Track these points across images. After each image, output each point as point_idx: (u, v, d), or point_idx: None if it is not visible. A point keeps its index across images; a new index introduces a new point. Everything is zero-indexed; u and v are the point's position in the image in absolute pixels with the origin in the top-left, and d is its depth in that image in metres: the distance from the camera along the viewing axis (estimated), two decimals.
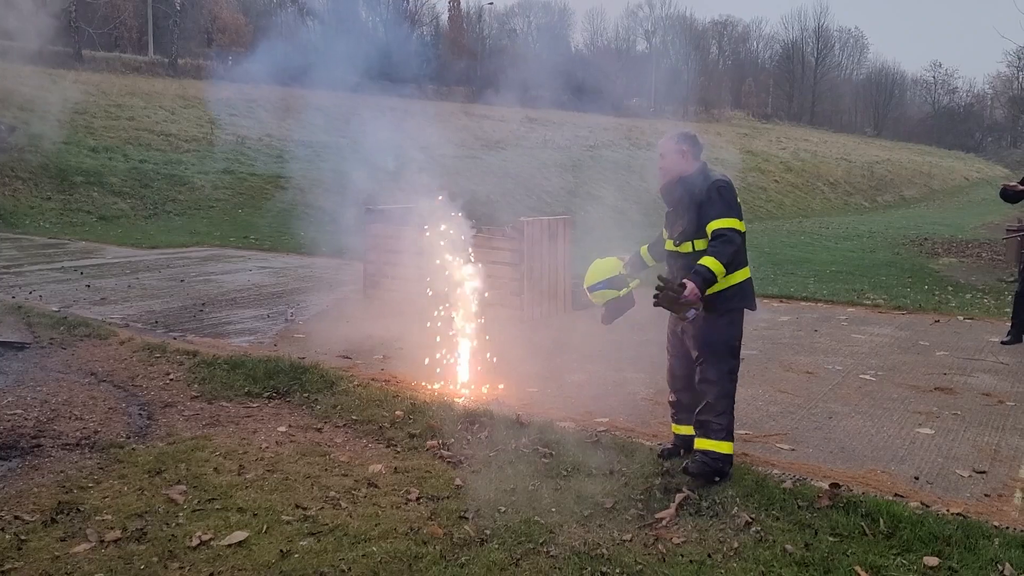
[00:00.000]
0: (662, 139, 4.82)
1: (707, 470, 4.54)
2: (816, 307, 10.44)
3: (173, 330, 8.06)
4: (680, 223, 4.66)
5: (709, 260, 4.38)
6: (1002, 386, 6.75)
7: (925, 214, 41.61)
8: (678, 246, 4.68)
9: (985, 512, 4.27)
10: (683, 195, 4.67)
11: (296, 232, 16.58)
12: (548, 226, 9.10)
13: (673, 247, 4.73)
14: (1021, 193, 8.03)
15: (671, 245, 4.77)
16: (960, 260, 21.19)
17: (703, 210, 4.54)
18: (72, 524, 3.99)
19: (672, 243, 4.75)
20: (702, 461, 4.57)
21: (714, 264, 4.37)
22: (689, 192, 4.63)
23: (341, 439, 5.25)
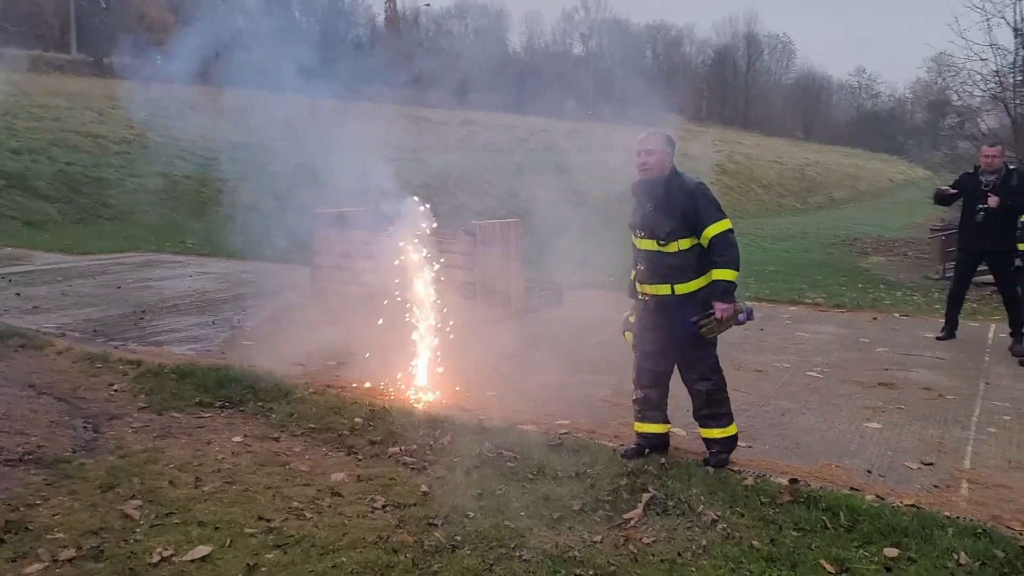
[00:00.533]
0: (647, 136, 4.85)
1: (725, 456, 4.86)
2: (760, 306, 10.59)
3: (114, 339, 7.83)
4: (666, 224, 4.72)
5: (725, 273, 4.65)
6: (940, 381, 6.97)
7: (853, 215, 42.79)
8: (664, 246, 4.74)
9: (936, 503, 4.40)
10: (665, 195, 4.76)
11: (235, 236, 16.24)
12: (500, 229, 9.10)
13: (658, 247, 4.76)
14: (954, 196, 8.32)
15: (653, 245, 4.79)
16: (888, 259, 21.84)
17: (692, 212, 4.69)
18: (22, 544, 3.82)
19: (656, 243, 4.77)
20: (721, 451, 4.86)
21: (730, 274, 4.66)
22: (673, 193, 4.75)
23: (300, 448, 5.15)
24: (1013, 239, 7.75)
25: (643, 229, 4.86)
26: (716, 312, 4.67)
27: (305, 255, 11.43)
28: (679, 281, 4.76)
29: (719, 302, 4.66)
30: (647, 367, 5.03)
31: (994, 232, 7.90)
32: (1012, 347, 7.96)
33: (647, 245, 4.83)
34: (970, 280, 8.67)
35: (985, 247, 8.13)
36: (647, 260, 4.86)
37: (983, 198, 7.96)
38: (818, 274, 16.34)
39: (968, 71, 25.77)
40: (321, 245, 9.92)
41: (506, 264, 9.26)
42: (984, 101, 27.29)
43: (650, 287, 4.87)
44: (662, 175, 4.80)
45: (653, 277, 4.83)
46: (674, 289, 4.77)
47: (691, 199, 4.70)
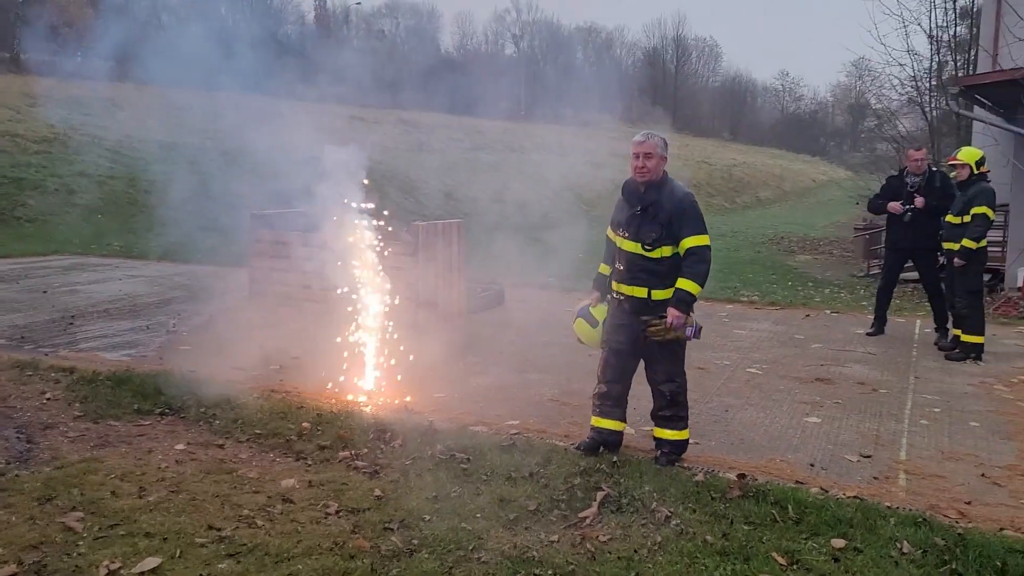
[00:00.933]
0: (647, 139, 4.88)
1: (675, 458, 4.98)
2: (697, 305, 10.79)
3: (43, 346, 7.57)
4: (654, 230, 4.79)
5: (689, 284, 4.78)
6: (873, 375, 7.20)
7: (779, 214, 43.89)
8: (649, 251, 4.82)
9: (877, 494, 4.56)
10: (656, 201, 4.83)
11: (165, 238, 15.86)
12: (442, 229, 9.07)
13: (643, 251, 4.84)
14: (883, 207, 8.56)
15: (638, 248, 4.85)
16: (815, 257, 22.45)
17: (677, 222, 4.78)
18: None
19: (640, 246, 4.84)
20: (671, 451, 4.98)
21: (693, 287, 4.79)
22: (663, 200, 4.83)
23: (246, 455, 5.05)
24: (937, 238, 8.06)
25: (628, 230, 4.91)
26: (668, 318, 4.78)
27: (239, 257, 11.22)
28: (657, 287, 4.86)
29: (674, 309, 4.78)
30: (613, 363, 5.10)
31: (919, 231, 8.20)
32: (938, 341, 8.27)
33: (631, 247, 4.89)
34: (897, 277, 8.96)
35: (911, 246, 8.41)
36: (628, 261, 4.93)
37: (909, 199, 8.23)
38: (749, 272, 16.72)
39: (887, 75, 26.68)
40: (258, 247, 9.75)
41: (448, 265, 9.24)
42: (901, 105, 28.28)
43: (627, 288, 4.94)
44: (656, 179, 4.87)
45: (632, 279, 4.91)
46: (651, 294, 4.87)
47: (679, 208, 4.78)
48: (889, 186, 8.71)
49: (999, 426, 5.79)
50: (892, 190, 8.58)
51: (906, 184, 8.41)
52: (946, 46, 23.79)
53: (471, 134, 38.80)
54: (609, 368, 5.12)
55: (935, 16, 23.48)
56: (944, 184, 8.22)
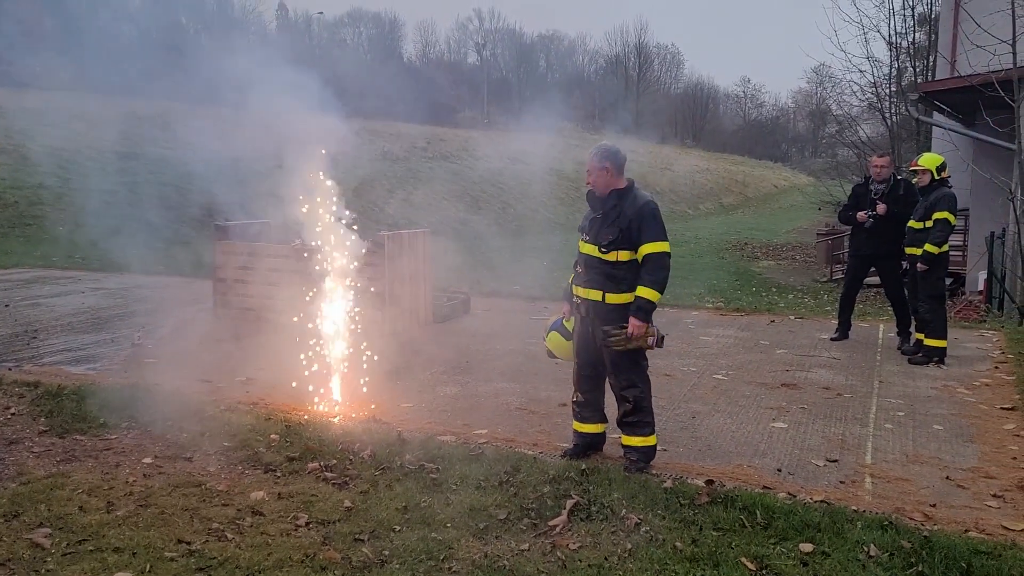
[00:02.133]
0: (590, 154, 5.04)
1: (644, 464, 5.01)
2: (663, 312, 10.88)
3: (5, 360, 7.44)
4: (609, 233, 4.90)
5: (648, 292, 4.84)
6: (837, 380, 7.30)
7: (742, 220, 44.39)
8: (604, 253, 4.92)
9: (843, 498, 4.63)
10: (616, 208, 4.96)
11: (127, 250, 15.65)
12: (408, 239, 9.06)
13: (599, 253, 4.94)
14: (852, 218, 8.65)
15: (594, 250, 4.96)
16: (777, 263, 22.76)
17: (637, 228, 4.86)
18: None
19: (597, 249, 4.94)
20: (639, 458, 5.03)
21: (652, 294, 4.85)
22: (623, 207, 4.94)
23: (215, 467, 5.01)
24: (900, 244, 8.20)
25: (588, 233, 5.03)
26: (629, 327, 4.86)
27: (202, 268, 11.11)
28: (611, 290, 4.93)
29: (634, 318, 4.85)
30: (588, 372, 5.22)
31: (882, 238, 8.33)
32: (900, 346, 8.41)
33: (588, 249, 5.01)
34: (861, 283, 9.10)
35: (873, 252, 8.53)
36: (585, 264, 5.04)
37: (873, 206, 8.37)
38: (713, 278, 16.91)
39: (847, 82, 27.11)
40: (223, 258, 9.66)
41: (415, 274, 9.23)
42: (862, 111, 28.76)
43: (583, 291, 5.05)
44: (613, 188, 4.99)
45: (589, 282, 5.01)
46: (605, 297, 4.95)
47: (639, 215, 4.87)
48: (855, 194, 8.82)
49: (962, 429, 5.91)
50: (858, 198, 8.69)
51: (870, 191, 8.53)
52: (905, 52, 24.30)
53: (433, 142, 38.81)
54: (584, 378, 5.24)
55: (894, 23, 24.02)
56: (908, 191, 8.35)
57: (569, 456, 5.19)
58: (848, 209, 8.78)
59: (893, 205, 8.25)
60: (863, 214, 8.43)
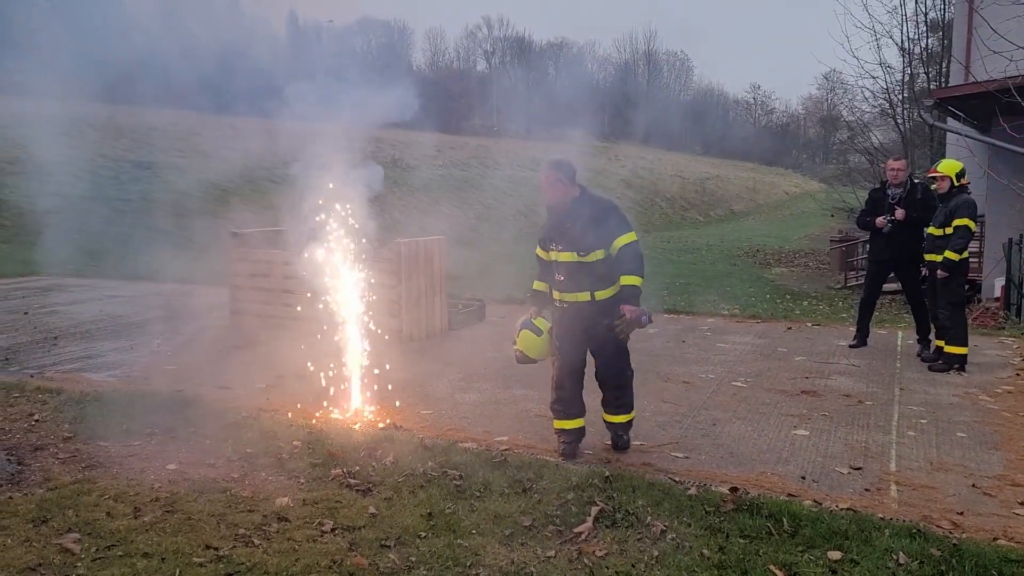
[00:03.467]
0: (541, 169, 5.40)
1: (628, 439, 5.56)
2: (679, 318, 10.91)
3: (27, 367, 7.49)
4: (584, 239, 5.23)
5: (632, 279, 5.21)
6: (858, 387, 7.27)
7: (753, 227, 44.30)
8: (584, 257, 5.25)
9: (870, 506, 4.61)
10: (579, 215, 5.28)
11: (142, 258, 15.73)
12: (424, 247, 9.08)
13: (579, 258, 5.26)
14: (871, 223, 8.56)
15: (573, 256, 5.28)
16: (791, 270, 22.69)
17: (604, 226, 5.23)
18: None
19: (576, 255, 5.27)
20: (623, 434, 5.54)
21: (636, 280, 5.24)
22: (585, 212, 5.28)
23: (238, 473, 5.02)
24: (919, 249, 8.17)
25: (561, 243, 5.34)
26: (626, 314, 5.19)
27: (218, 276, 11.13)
28: (598, 288, 5.30)
29: (629, 305, 5.19)
30: (568, 371, 5.48)
31: (901, 243, 8.30)
32: (920, 352, 8.38)
33: (567, 257, 5.31)
34: (880, 289, 9.05)
35: (893, 257, 8.49)
36: (567, 271, 5.34)
37: (891, 211, 8.34)
38: (727, 285, 16.86)
39: (859, 88, 27.04)
40: (238, 266, 9.70)
41: (431, 282, 9.25)
42: (874, 117, 28.69)
43: (570, 295, 5.36)
44: (569, 197, 5.32)
45: (575, 286, 5.32)
46: (594, 295, 5.30)
47: (604, 214, 5.26)
48: (872, 200, 8.75)
49: (986, 436, 5.87)
50: (875, 204, 8.64)
51: (887, 196, 8.49)
52: (918, 58, 24.22)
53: (444, 150, 38.89)
54: (565, 376, 5.47)
55: (906, 29, 23.92)
56: (926, 196, 8.31)
57: (566, 457, 5.40)
58: (866, 215, 8.72)
59: (911, 210, 8.22)
60: (882, 219, 8.37)
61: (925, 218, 8.10)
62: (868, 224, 8.62)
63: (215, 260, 12.03)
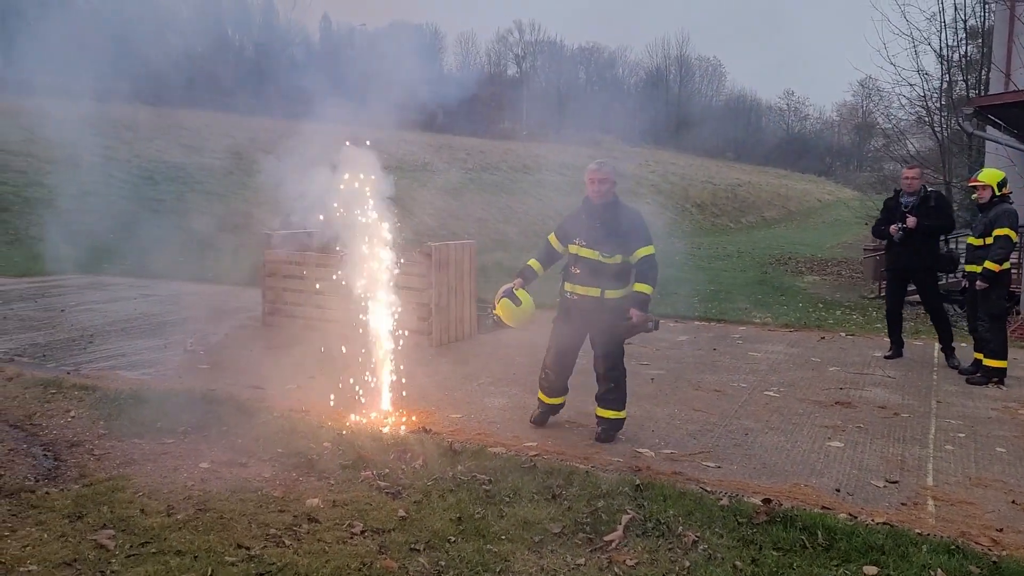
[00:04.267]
0: (602, 167, 5.79)
1: (612, 434, 5.87)
2: (710, 326, 10.82)
3: (64, 364, 7.59)
4: (611, 242, 5.69)
5: (644, 287, 5.68)
6: (894, 399, 7.17)
7: (785, 234, 43.86)
8: (606, 258, 5.69)
9: (906, 520, 4.52)
10: (613, 217, 5.75)
11: (176, 258, 15.92)
12: (454, 251, 9.09)
13: (600, 257, 5.70)
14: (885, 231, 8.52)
15: (595, 255, 5.71)
16: (823, 278, 22.40)
17: (631, 234, 5.71)
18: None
19: (599, 254, 5.70)
20: (609, 429, 5.87)
21: (648, 289, 5.71)
22: (619, 216, 5.77)
23: (270, 473, 5.04)
24: (934, 257, 8.15)
25: (586, 241, 5.75)
26: (633, 318, 5.63)
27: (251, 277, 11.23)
28: (609, 288, 5.73)
29: (636, 310, 5.63)
30: (562, 354, 5.97)
31: (914, 252, 8.24)
32: (948, 362, 8.25)
33: (589, 254, 5.74)
34: (902, 298, 8.93)
35: (907, 266, 8.41)
36: (586, 266, 5.76)
37: (903, 219, 8.26)
38: (758, 293, 16.68)
39: (895, 95, 26.68)
40: (271, 267, 9.78)
41: (460, 285, 9.26)
42: (910, 124, 28.31)
43: (582, 288, 5.78)
44: (608, 199, 5.77)
45: (590, 281, 5.74)
46: (604, 293, 5.72)
47: (631, 224, 5.74)
48: (886, 208, 8.71)
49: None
50: (889, 212, 8.58)
51: (901, 204, 8.43)
52: (956, 66, 23.86)
53: (473, 154, 38.95)
54: (560, 357, 5.98)
55: (945, 36, 23.55)
56: (939, 203, 8.25)
57: (536, 423, 6.13)
58: (880, 223, 8.69)
59: (924, 218, 8.14)
60: (894, 227, 8.32)
61: (939, 226, 8.12)
62: (882, 232, 8.61)
63: (248, 260, 12.14)
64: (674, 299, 14.29)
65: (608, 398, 5.88)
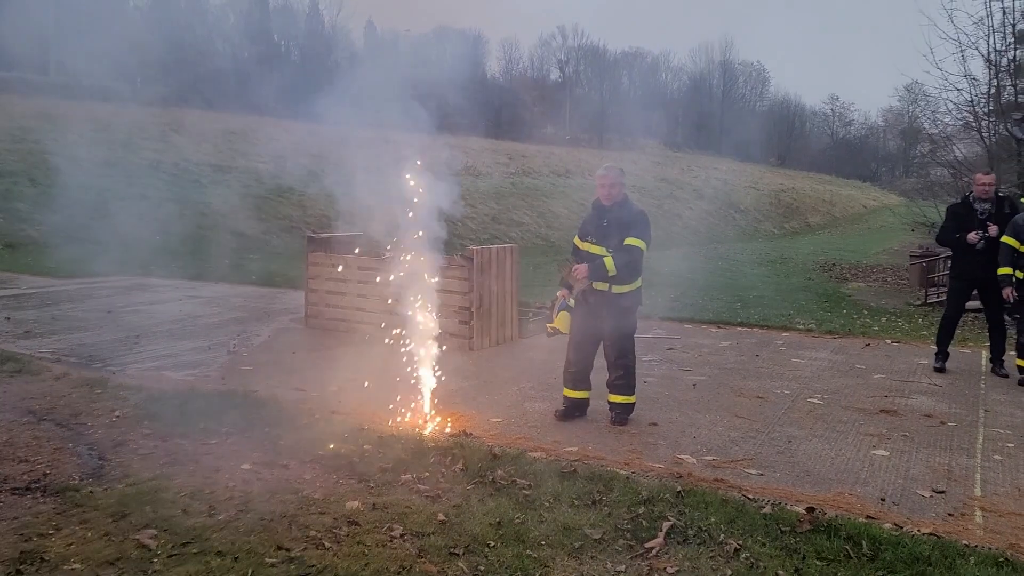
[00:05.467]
0: (610, 171, 6.22)
1: (625, 417, 6.31)
2: (752, 332, 10.71)
3: (110, 364, 7.73)
4: (615, 238, 6.08)
5: (610, 264, 6.03)
6: (940, 407, 7.02)
7: (830, 240, 43.29)
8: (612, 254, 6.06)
9: (953, 531, 4.42)
10: (620, 216, 6.15)
11: (221, 260, 16.16)
12: (496, 254, 9.10)
13: (606, 253, 6.07)
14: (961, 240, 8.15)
15: (603, 251, 6.10)
16: (868, 285, 22.07)
17: (630, 227, 6.09)
18: (39, 575, 3.75)
19: (605, 250, 6.09)
20: (622, 412, 6.32)
21: (611, 267, 6.03)
22: (625, 215, 6.16)
23: (310, 475, 5.08)
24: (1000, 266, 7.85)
25: (595, 237, 6.18)
26: (577, 270, 6.15)
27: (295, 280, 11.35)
28: (615, 282, 6.10)
29: (586, 266, 6.10)
30: (579, 345, 6.36)
31: (991, 261, 7.94)
32: (1001, 373, 8.05)
33: (597, 251, 6.13)
34: (963, 308, 8.71)
35: (984, 275, 8.09)
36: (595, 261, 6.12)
37: (982, 226, 7.97)
38: (802, 299, 16.48)
39: (943, 100, 26.21)
40: (314, 269, 9.87)
41: (502, 289, 9.26)
42: (957, 130, 27.79)
43: (594, 284, 6.14)
44: (617, 200, 6.18)
45: None
46: (612, 288, 6.12)
47: (632, 219, 6.13)
48: (956, 215, 8.37)
49: None
50: (960, 219, 8.25)
51: (975, 211, 8.14)
52: (1004, 70, 23.36)
53: (515, 158, 38.98)
54: (578, 348, 6.38)
55: (993, 40, 23.07)
56: (1014, 210, 8.01)
57: (560, 417, 6.39)
58: (950, 231, 8.33)
59: (1001, 225, 7.91)
60: (974, 235, 7.99)
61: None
62: (957, 240, 8.22)
63: (293, 263, 12.27)
64: (717, 304, 14.17)
65: (618, 384, 6.29)
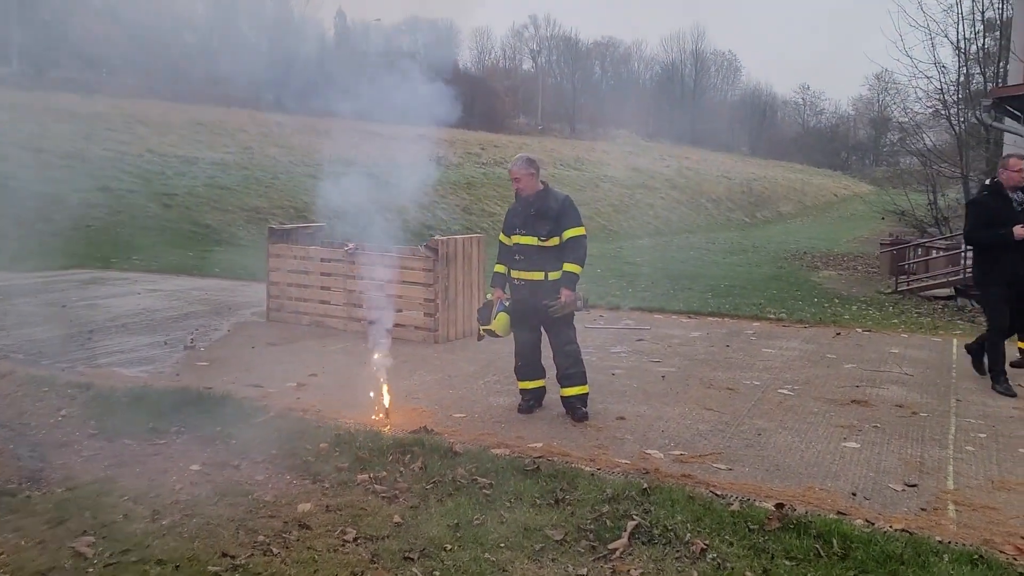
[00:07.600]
0: (514, 166, 6.21)
1: (585, 409, 6.21)
2: (723, 322, 10.59)
3: (60, 361, 7.44)
4: (545, 226, 6.09)
5: (573, 267, 6.07)
6: (912, 397, 6.93)
7: (801, 229, 43.47)
8: (544, 242, 6.10)
9: (926, 527, 4.29)
10: (543, 206, 6.13)
11: (184, 252, 15.82)
12: (462, 245, 8.89)
13: (539, 242, 6.11)
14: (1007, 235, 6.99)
15: (535, 240, 6.12)
16: (839, 273, 22.11)
17: (561, 218, 6.08)
18: None
19: (537, 239, 6.11)
20: (579, 406, 6.22)
21: (576, 269, 6.10)
22: (548, 204, 6.14)
23: (263, 476, 4.87)
24: None
25: (524, 229, 6.17)
26: (562, 297, 6.01)
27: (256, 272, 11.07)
28: (551, 269, 6.11)
29: (567, 289, 6.02)
30: (526, 339, 6.32)
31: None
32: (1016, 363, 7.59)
33: (528, 241, 6.14)
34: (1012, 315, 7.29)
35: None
36: (527, 253, 6.15)
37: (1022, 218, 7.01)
38: (773, 288, 16.42)
39: (913, 88, 26.32)
40: (275, 262, 9.61)
41: (468, 281, 9.06)
42: (927, 117, 27.93)
43: (527, 274, 6.16)
44: (536, 190, 6.18)
45: (531, 265, 6.14)
46: (547, 275, 6.11)
47: (561, 208, 6.10)
48: (984, 207, 7.21)
49: None
50: (991, 212, 7.12)
51: (1011, 201, 7.07)
52: (973, 58, 23.49)
53: (488, 148, 38.71)
54: (527, 346, 6.34)
55: (962, 28, 23.18)
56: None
57: (522, 412, 6.30)
58: (985, 226, 7.12)
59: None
60: (1020, 228, 6.91)
61: None
62: (1001, 236, 6.99)
63: (255, 256, 12.00)
64: (687, 294, 14.07)
65: (569, 374, 6.21)
